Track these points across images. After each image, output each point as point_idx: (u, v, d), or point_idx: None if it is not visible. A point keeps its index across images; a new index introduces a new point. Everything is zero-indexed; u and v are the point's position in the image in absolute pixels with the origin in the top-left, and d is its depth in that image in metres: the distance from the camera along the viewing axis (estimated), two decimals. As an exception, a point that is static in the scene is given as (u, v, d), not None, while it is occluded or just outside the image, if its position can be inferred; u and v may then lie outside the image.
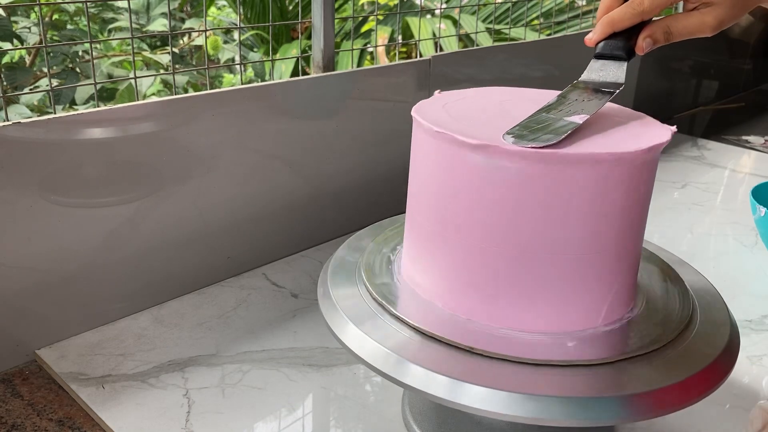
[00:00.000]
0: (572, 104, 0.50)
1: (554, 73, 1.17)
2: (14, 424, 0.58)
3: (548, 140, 0.45)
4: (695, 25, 0.51)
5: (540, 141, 0.45)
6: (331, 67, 0.88)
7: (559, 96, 0.52)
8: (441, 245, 0.49)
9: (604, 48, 0.52)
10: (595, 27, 0.53)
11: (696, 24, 0.51)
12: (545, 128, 0.47)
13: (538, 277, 0.46)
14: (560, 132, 0.46)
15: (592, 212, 0.45)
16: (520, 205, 0.45)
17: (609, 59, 0.52)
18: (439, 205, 0.48)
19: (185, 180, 0.73)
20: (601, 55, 0.52)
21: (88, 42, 0.70)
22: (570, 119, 0.48)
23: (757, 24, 1.84)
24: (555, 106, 0.51)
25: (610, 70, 0.52)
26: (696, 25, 0.51)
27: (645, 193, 0.48)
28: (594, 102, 0.50)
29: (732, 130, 1.50)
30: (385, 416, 0.59)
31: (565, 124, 0.47)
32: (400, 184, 0.55)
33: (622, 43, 0.51)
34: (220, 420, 0.58)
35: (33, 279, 0.65)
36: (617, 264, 0.48)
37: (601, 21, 0.52)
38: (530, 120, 0.49)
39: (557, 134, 0.46)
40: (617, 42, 0.52)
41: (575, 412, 0.42)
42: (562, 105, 0.51)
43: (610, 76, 0.52)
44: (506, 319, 0.48)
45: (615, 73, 0.52)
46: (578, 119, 0.48)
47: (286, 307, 0.75)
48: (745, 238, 0.96)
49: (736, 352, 0.49)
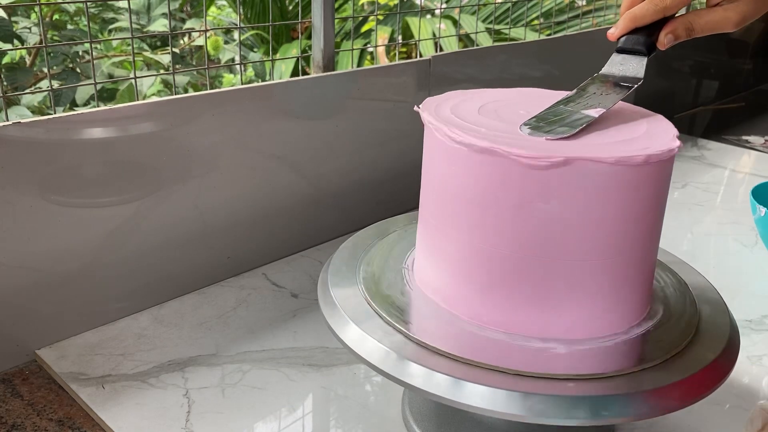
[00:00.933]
0: (590, 97, 0.51)
1: (554, 73, 1.17)
2: (14, 424, 0.58)
3: (563, 133, 0.46)
4: (718, 20, 0.51)
5: (555, 133, 0.46)
6: (331, 67, 0.88)
7: (578, 89, 0.53)
8: (453, 247, 0.49)
9: (626, 43, 0.53)
10: (617, 22, 0.53)
11: (719, 20, 0.51)
12: (561, 120, 0.48)
13: (548, 282, 0.46)
14: (575, 125, 0.47)
15: (607, 217, 0.45)
16: (533, 210, 0.44)
17: (630, 54, 0.53)
18: (450, 207, 0.48)
19: (185, 180, 0.73)
20: (623, 50, 0.53)
21: (89, 42, 0.71)
22: (586, 112, 0.49)
23: (757, 24, 1.83)
24: (573, 98, 0.52)
25: (630, 65, 0.53)
26: (719, 21, 0.51)
27: (661, 197, 0.48)
28: (612, 96, 0.51)
29: (732, 130, 1.50)
30: (385, 416, 0.59)
31: (581, 117, 0.48)
32: (401, 184, 0.55)
33: (644, 39, 0.52)
34: (220, 420, 0.58)
35: (33, 279, 0.65)
36: (633, 269, 0.48)
37: (624, 16, 0.53)
38: (547, 112, 0.50)
39: (572, 127, 0.47)
40: (639, 37, 0.52)
41: (575, 412, 0.42)
42: (580, 98, 0.52)
43: (630, 71, 0.53)
44: (515, 324, 0.48)
45: (635, 67, 0.53)
46: (594, 113, 0.49)
47: (286, 307, 0.75)
48: (745, 238, 0.96)
49: (736, 352, 0.49)
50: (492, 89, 0.58)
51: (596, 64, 0.56)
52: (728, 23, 0.51)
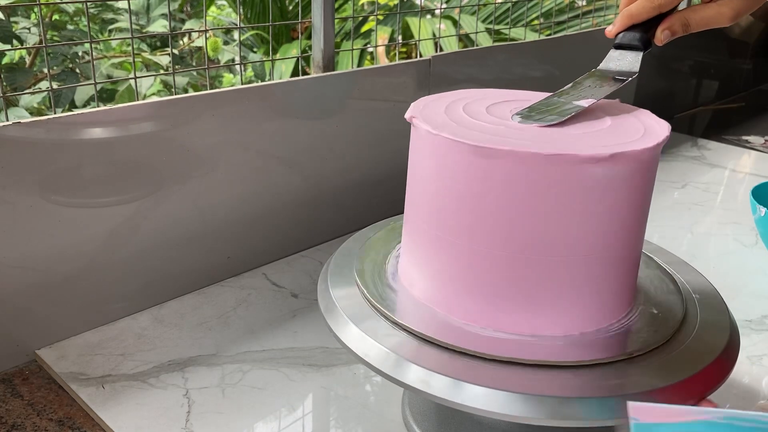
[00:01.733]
0: (584, 90, 0.53)
1: (554, 73, 1.17)
2: (14, 424, 0.58)
3: (552, 120, 0.48)
4: (712, 16, 0.53)
5: (545, 121, 0.48)
6: (331, 67, 0.88)
7: (574, 82, 0.55)
8: (437, 248, 0.49)
9: (623, 39, 0.55)
10: (615, 19, 0.55)
11: (713, 15, 0.53)
12: (552, 110, 0.50)
13: (536, 279, 0.46)
14: (565, 114, 0.49)
15: (591, 214, 0.45)
16: (517, 207, 0.45)
17: (627, 49, 0.55)
18: (435, 207, 0.48)
19: (185, 180, 0.73)
20: (620, 46, 0.55)
21: (88, 42, 0.70)
22: (577, 103, 0.51)
23: (757, 24, 1.83)
24: (567, 91, 0.54)
25: (626, 60, 0.55)
26: (713, 16, 0.53)
27: (645, 193, 0.48)
28: (605, 88, 0.53)
29: (732, 130, 1.50)
30: (385, 416, 0.59)
31: (571, 107, 0.51)
32: (400, 184, 0.55)
33: (640, 35, 0.54)
34: (220, 420, 0.58)
35: (33, 279, 0.65)
36: (616, 266, 0.48)
37: (621, 13, 0.55)
38: (540, 103, 0.52)
39: (562, 116, 0.49)
40: (635, 33, 0.54)
41: (575, 412, 0.42)
42: (574, 90, 0.54)
43: (626, 65, 0.55)
44: (503, 323, 0.48)
45: (630, 62, 0.54)
46: (585, 103, 0.51)
47: (286, 307, 0.75)
48: (745, 238, 0.96)
49: (736, 352, 0.49)
50: (490, 89, 0.59)
51: (596, 64, 0.56)
52: (723, 18, 0.53)
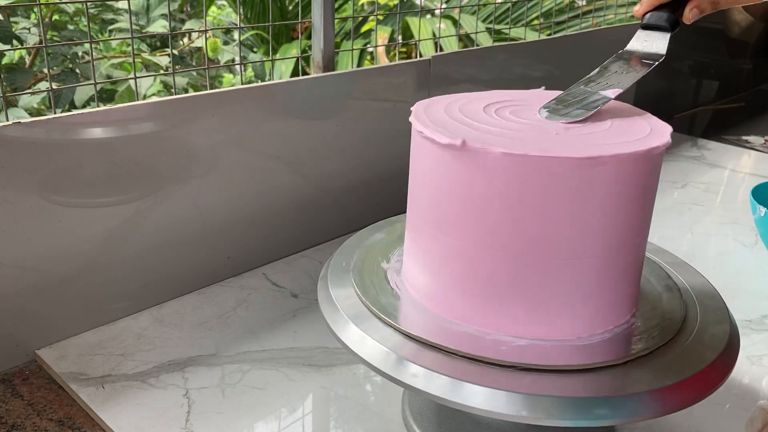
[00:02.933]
0: (611, 76, 0.53)
1: (554, 73, 1.17)
2: (14, 424, 0.58)
3: (578, 116, 0.49)
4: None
5: (571, 116, 0.48)
6: (331, 67, 0.88)
7: (601, 67, 0.55)
8: (438, 249, 0.49)
9: (650, 19, 0.55)
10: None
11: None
12: (579, 102, 0.50)
13: (537, 281, 0.46)
14: (590, 107, 0.49)
15: (592, 216, 0.45)
16: (518, 209, 0.45)
17: (654, 30, 0.55)
18: (436, 208, 0.48)
19: (185, 180, 0.73)
20: (647, 26, 0.55)
21: (88, 42, 0.70)
22: (604, 93, 0.51)
23: (757, 24, 1.84)
24: (594, 78, 0.54)
25: (653, 41, 0.55)
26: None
27: (648, 196, 0.48)
28: (631, 75, 0.53)
29: (732, 130, 1.50)
30: (385, 416, 0.59)
31: (598, 98, 0.50)
32: (400, 184, 0.55)
33: (667, 15, 0.54)
34: (220, 420, 0.58)
35: (33, 279, 0.65)
36: (618, 268, 0.48)
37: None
38: (568, 93, 0.52)
39: (587, 110, 0.49)
40: (662, 14, 0.54)
41: (575, 412, 0.42)
42: (601, 77, 0.53)
43: (653, 47, 0.54)
44: (504, 325, 0.48)
45: (658, 44, 0.54)
46: (611, 93, 0.51)
47: (286, 307, 0.75)
48: (745, 238, 0.96)
49: (736, 352, 0.49)
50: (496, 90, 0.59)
51: (596, 64, 0.56)
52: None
